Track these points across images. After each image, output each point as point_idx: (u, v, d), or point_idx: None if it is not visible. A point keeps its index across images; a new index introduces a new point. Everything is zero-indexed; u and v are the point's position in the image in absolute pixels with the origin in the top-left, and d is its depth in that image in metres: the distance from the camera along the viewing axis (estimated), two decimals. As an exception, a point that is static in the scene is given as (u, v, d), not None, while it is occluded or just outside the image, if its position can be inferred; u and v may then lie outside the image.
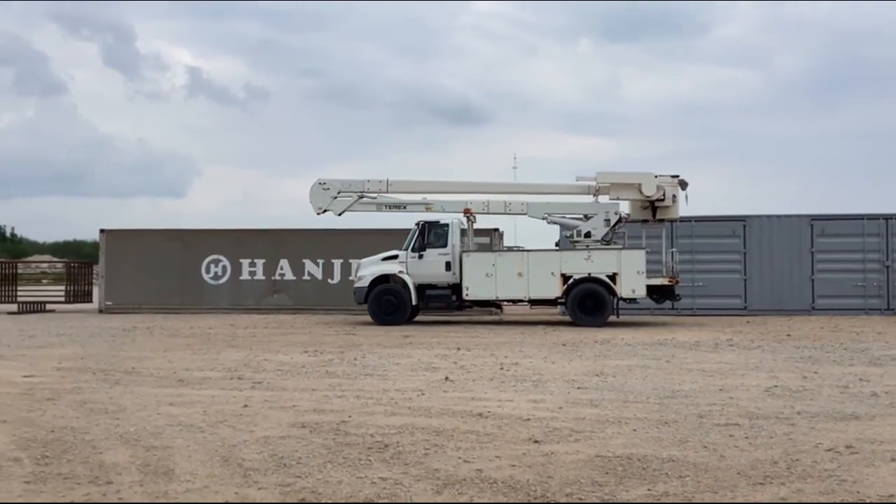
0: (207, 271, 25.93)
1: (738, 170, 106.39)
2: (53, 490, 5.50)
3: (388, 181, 21.26)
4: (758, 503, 5.24)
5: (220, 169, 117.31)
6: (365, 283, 20.51)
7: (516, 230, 28.49)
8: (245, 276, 25.90)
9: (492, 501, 5.25)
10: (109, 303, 25.74)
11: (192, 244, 26.08)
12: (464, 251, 20.37)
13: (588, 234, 20.14)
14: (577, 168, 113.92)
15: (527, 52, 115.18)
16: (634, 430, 7.38)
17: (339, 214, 21.52)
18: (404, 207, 21.35)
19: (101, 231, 26.46)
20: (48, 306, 26.63)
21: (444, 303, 20.52)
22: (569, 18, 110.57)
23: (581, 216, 20.70)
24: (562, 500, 5.26)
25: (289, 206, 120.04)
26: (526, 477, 5.78)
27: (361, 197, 21.34)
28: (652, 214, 20.34)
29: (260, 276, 25.87)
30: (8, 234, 76.81)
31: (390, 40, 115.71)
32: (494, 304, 21.09)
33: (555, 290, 19.75)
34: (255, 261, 25.91)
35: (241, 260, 25.95)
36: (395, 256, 20.62)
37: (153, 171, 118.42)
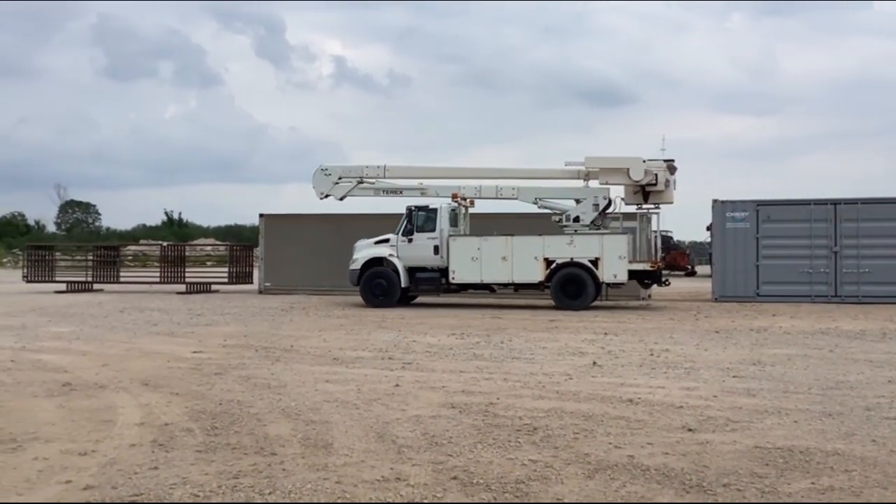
0: (358, 254, 26.70)
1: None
2: (223, 459, 5.86)
3: (384, 167, 22.19)
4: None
5: (367, 154, 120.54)
6: (357, 265, 21.24)
7: (663, 213, 27.71)
8: (393, 259, 26.46)
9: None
10: (268, 284, 27.01)
11: (344, 228, 26.83)
12: (451, 235, 20.75)
13: (577, 219, 20.41)
14: (730, 149, 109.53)
15: (675, 29, 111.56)
16: (795, 421, 7.06)
17: (341, 199, 22.59)
18: (401, 192, 22.15)
19: (261, 216, 27.79)
20: (213, 287, 28.23)
21: (433, 285, 21.00)
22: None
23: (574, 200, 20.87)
24: (719, 491, 5.12)
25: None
26: (680, 465, 5.66)
27: (361, 182, 22.27)
28: (644, 199, 20.37)
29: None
30: (176, 218, 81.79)
31: (533, 23, 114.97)
32: (489, 288, 21.15)
33: (538, 274, 20.02)
34: (403, 244, 26.39)
35: (390, 244, 26.52)
36: (388, 240, 21.24)
37: (304, 158, 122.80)
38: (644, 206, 20.62)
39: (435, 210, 20.99)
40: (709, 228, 24.10)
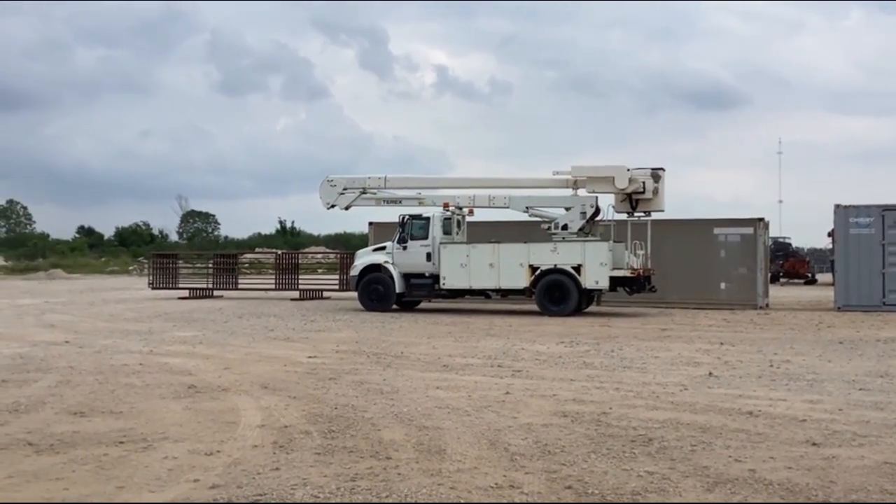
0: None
1: None
2: (340, 462, 6.00)
3: (385, 177, 23.33)
4: None
5: (471, 162, 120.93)
6: (356, 272, 22.36)
7: (781, 219, 26.82)
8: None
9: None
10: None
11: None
12: (442, 243, 21.33)
13: (565, 227, 20.88)
14: (847, 151, 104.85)
15: (788, 28, 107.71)
16: (930, 437, 6.69)
17: (346, 208, 23.57)
18: (400, 202, 23.01)
19: (370, 224, 28.25)
20: (324, 293, 28.89)
21: (426, 291, 21.77)
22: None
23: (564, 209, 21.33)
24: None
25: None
26: (805, 480, 5.45)
27: (364, 192, 23.25)
28: (632, 206, 20.63)
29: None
30: (288, 227, 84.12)
31: (636, 25, 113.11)
32: (483, 294, 21.68)
33: (523, 280, 20.49)
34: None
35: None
36: (384, 248, 22.21)
37: (409, 167, 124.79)
38: (634, 213, 20.79)
39: (427, 219, 21.69)
40: (830, 234, 23.13)
